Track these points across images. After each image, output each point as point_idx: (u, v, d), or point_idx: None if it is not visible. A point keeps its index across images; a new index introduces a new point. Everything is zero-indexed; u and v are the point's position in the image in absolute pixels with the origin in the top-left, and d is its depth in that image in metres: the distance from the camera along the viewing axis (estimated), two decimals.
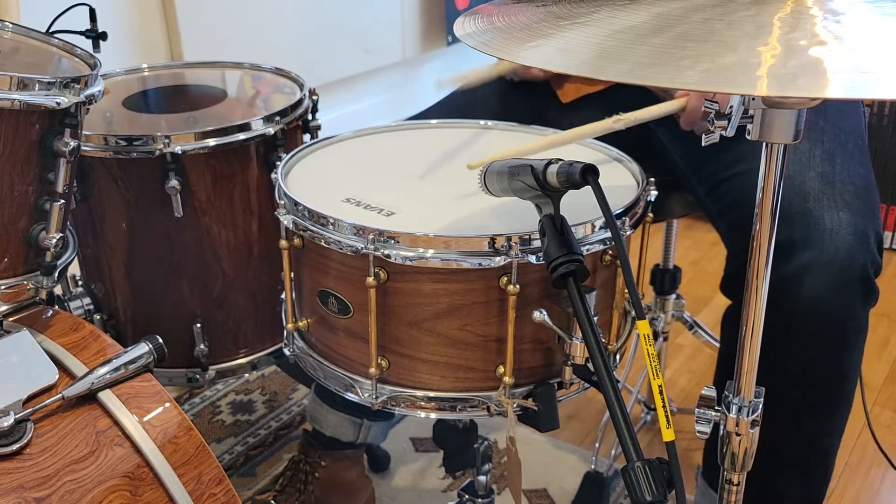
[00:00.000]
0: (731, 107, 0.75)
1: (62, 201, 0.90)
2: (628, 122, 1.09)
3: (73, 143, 0.88)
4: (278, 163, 1.09)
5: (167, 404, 0.83)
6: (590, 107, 1.34)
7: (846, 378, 1.15)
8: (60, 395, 0.79)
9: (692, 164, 1.29)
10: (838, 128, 1.22)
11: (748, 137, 0.76)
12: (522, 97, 1.38)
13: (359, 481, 1.50)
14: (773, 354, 1.11)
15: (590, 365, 0.91)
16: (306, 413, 1.51)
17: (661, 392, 0.73)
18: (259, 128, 1.23)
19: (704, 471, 1.34)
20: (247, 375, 1.88)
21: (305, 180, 1.06)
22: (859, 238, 1.09)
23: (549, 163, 0.82)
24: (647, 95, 1.31)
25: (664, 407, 0.73)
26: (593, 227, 0.92)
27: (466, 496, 1.25)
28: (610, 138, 1.16)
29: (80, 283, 1.34)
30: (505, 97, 1.40)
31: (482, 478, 1.23)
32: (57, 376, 0.82)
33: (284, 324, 1.08)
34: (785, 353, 1.12)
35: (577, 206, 0.87)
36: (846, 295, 1.09)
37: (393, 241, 0.89)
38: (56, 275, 0.92)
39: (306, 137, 1.35)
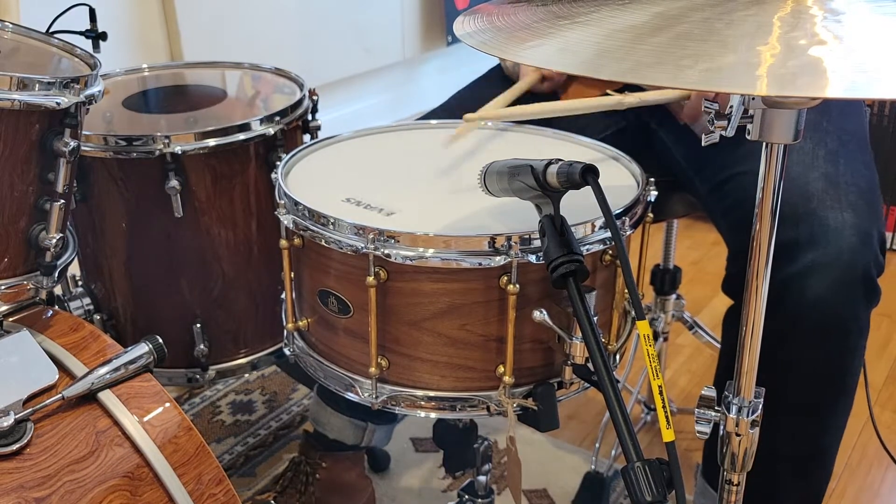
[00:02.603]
0: (731, 107, 0.75)
1: (62, 201, 0.90)
2: (633, 103, 1.11)
3: (73, 143, 0.88)
4: (278, 163, 1.09)
5: (167, 404, 0.83)
6: (591, 112, 1.34)
7: (847, 378, 1.16)
8: (60, 395, 0.79)
9: (694, 163, 1.29)
10: (841, 128, 1.22)
11: (748, 137, 0.76)
12: (525, 100, 1.38)
13: (359, 482, 1.50)
14: (775, 354, 1.11)
15: (590, 365, 0.91)
16: (309, 415, 1.51)
17: (661, 392, 0.74)
18: (259, 128, 1.23)
19: (704, 470, 1.34)
20: (247, 375, 1.88)
21: (305, 180, 1.06)
22: (863, 239, 1.09)
23: (549, 163, 0.82)
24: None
25: (664, 407, 0.73)
26: (593, 227, 0.92)
27: (466, 496, 1.25)
28: (610, 138, 1.16)
29: (80, 283, 1.34)
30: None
31: (482, 478, 1.23)
32: (57, 376, 0.82)
33: (284, 323, 1.08)
34: (786, 353, 1.12)
35: (577, 206, 0.87)
36: (849, 296, 1.09)
37: (393, 241, 0.89)
38: (56, 275, 0.92)
39: (306, 137, 1.35)
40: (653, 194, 1.00)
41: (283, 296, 1.08)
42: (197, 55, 2.03)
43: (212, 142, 1.20)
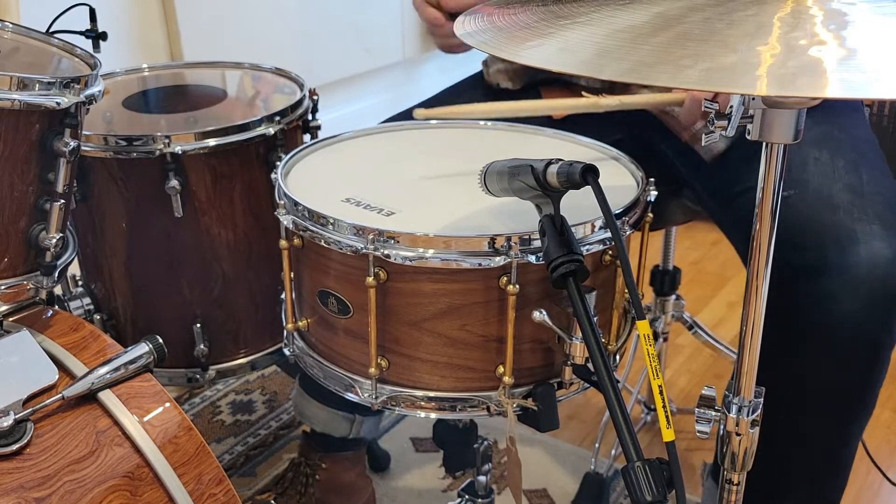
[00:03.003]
0: (731, 107, 0.75)
1: (62, 201, 0.90)
2: (611, 105, 1.05)
3: (73, 143, 0.88)
4: (278, 163, 1.09)
5: (167, 404, 0.83)
6: (582, 125, 1.33)
7: (873, 389, 1.14)
8: (60, 395, 0.79)
9: (703, 180, 1.28)
10: (854, 137, 1.20)
11: (748, 137, 0.76)
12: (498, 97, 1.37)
13: (359, 481, 1.50)
14: (805, 367, 1.09)
15: (590, 365, 0.91)
16: (293, 408, 1.50)
17: (661, 392, 0.73)
18: (259, 128, 1.23)
19: (713, 470, 1.33)
20: (247, 375, 1.88)
21: (305, 180, 1.06)
22: (895, 251, 1.06)
23: (549, 163, 0.82)
24: (643, 114, 1.30)
25: (664, 407, 0.73)
26: (593, 227, 0.92)
27: (466, 496, 1.25)
28: (611, 146, 1.15)
29: (80, 283, 1.34)
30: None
31: (482, 478, 1.23)
32: (57, 376, 0.82)
33: (284, 324, 1.08)
34: (817, 366, 1.11)
35: (577, 206, 0.87)
36: (884, 311, 1.06)
37: (393, 241, 0.89)
38: (56, 275, 0.92)
39: (306, 137, 1.35)
40: (653, 194, 1.00)
41: (283, 296, 1.08)
42: (197, 55, 2.02)
43: (212, 142, 1.20)
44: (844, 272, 1.06)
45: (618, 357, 1.05)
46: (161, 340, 0.86)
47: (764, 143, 0.76)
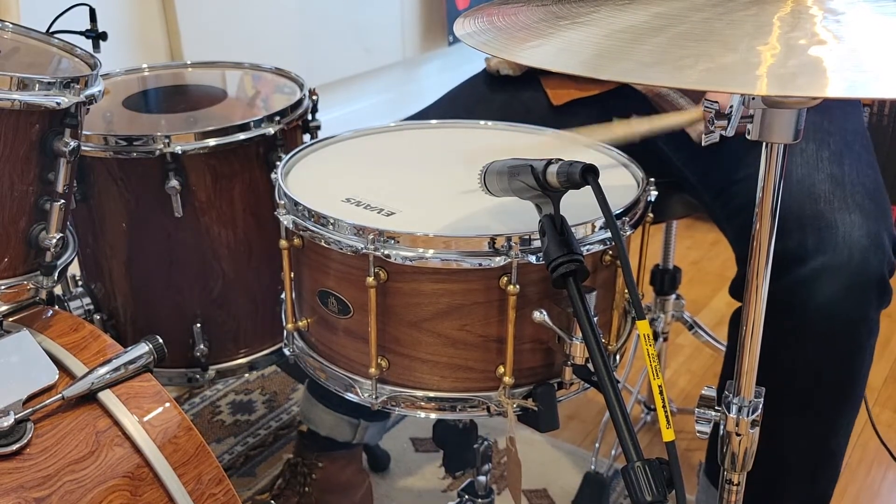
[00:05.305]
0: (731, 106, 0.75)
1: (62, 201, 0.90)
2: (644, 131, 1.09)
3: (73, 143, 0.88)
4: (278, 163, 1.09)
5: (167, 404, 0.83)
6: (583, 111, 1.33)
7: (856, 379, 1.15)
8: (60, 395, 0.79)
9: (697, 170, 1.28)
10: (843, 129, 1.21)
11: (748, 137, 0.76)
12: (514, 99, 1.38)
13: (355, 478, 1.50)
14: (785, 358, 1.10)
15: (590, 365, 0.91)
16: (299, 412, 1.50)
17: (661, 392, 0.73)
18: (259, 128, 1.23)
19: (707, 468, 1.34)
20: (247, 375, 1.88)
21: (305, 180, 1.06)
22: (873, 240, 1.08)
23: (549, 163, 0.82)
24: (641, 101, 1.31)
25: (664, 407, 0.73)
26: (593, 227, 0.92)
27: (466, 496, 1.25)
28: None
29: (80, 283, 1.34)
30: (497, 99, 1.40)
31: (482, 478, 1.23)
32: (57, 376, 0.82)
33: (284, 324, 1.08)
34: (797, 356, 1.11)
35: (577, 206, 0.87)
36: (861, 298, 1.08)
37: (393, 241, 0.89)
38: (56, 275, 0.92)
39: (306, 137, 1.35)
40: (653, 194, 1.00)
41: (283, 296, 1.07)
42: (197, 55, 2.02)
43: (212, 142, 1.20)
44: (823, 260, 1.07)
45: (618, 357, 1.05)
46: (161, 340, 0.86)
47: (764, 143, 0.76)
